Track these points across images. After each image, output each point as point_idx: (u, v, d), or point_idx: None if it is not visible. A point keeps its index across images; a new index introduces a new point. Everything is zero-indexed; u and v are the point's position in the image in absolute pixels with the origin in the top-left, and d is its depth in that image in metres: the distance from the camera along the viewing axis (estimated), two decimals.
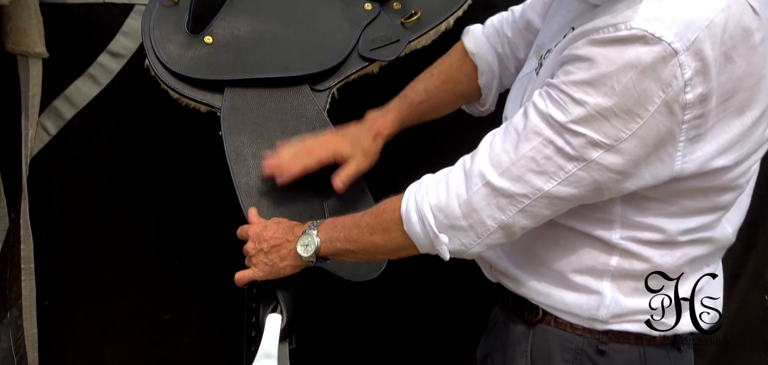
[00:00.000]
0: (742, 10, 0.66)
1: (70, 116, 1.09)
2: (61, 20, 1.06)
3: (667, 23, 0.64)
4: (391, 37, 1.12)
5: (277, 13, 1.11)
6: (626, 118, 0.66)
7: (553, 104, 0.69)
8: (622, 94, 0.65)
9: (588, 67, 0.67)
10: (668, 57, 0.64)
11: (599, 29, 0.67)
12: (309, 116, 1.05)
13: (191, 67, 1.02)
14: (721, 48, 0.65)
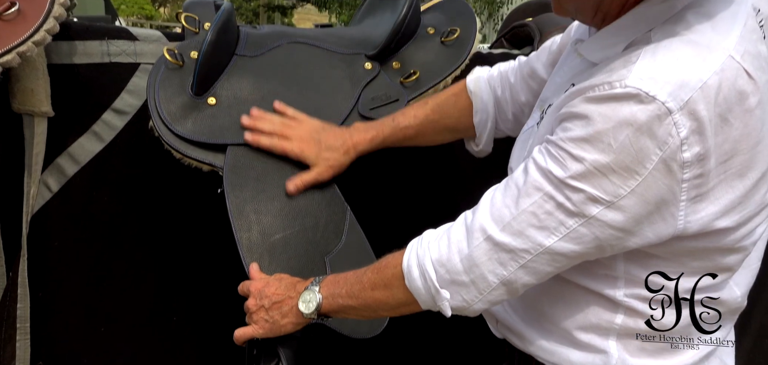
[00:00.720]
0: (736, 73, 0.67)
1: (72, 172, 1.09)
2: (67, 80, 1.07)
3: (661, 83, 0.65)
4: (390, 96, 1.14)
5: (280, 74, 1.13)
6: (625, 175, 0.67)
7: (552, 160, 0.70)
8: (619, 151, 0.66)
9: (585, 124, 0.68)
10: (663, 116, 0.65)
11: (595, 87, 0.69)
12: None
13: (194, 130, 1.03)
14: (716, 109, 0.66)
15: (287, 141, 1.03)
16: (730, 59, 0.67)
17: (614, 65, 0.70)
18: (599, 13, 0.77)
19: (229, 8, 1.13)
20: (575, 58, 0.84)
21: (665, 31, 0.70)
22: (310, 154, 1.04)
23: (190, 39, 1.13)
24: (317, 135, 1.05)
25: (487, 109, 1.07)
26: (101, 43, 1.10)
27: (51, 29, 0.93)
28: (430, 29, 1.22)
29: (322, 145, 1.04)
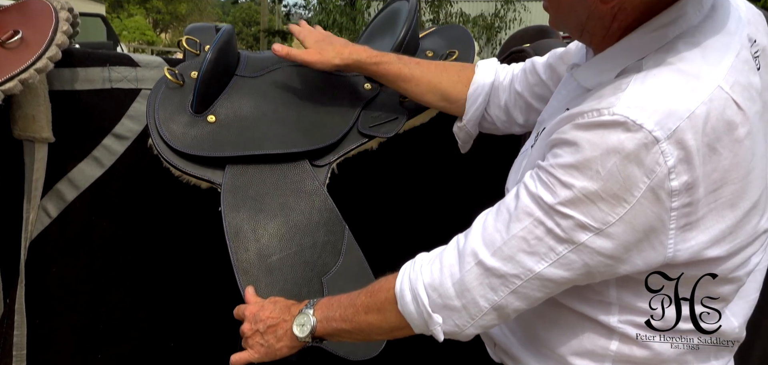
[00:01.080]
0: (725, 104, 0.68)
1: (71, 198, 1.09)
2: (68, 105, 1.08)
3: (649, 112, 0.66)
4: (389, 115, 1.15)
5: (280, 93, 1.14)
6: (613, 202, 0.67)
7: (542, 186, 0.71)
8: (607, 178, 0.66)
9: (573, 151, 0.69)
10: (650, 144, 0.65)
11: (584, 113, 0.69)
12: (308, 191, 1.06)
13: (193, 145, 1.04)
14: (704, 139, 0.66)
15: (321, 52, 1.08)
16: (719, 90, 0.67)
17: (604, 92, 0.71)
18: (586, 34, 0.78)
19: (230, 30, 1.15)
20: (572, 82, 0.85)
21: (656, 59, 0.71)
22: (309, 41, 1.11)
23: (191, 60, 1.14)
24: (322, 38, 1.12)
25: (484, 85, 1.08)
26: (103, 69, 1.11)
27: (53, 56, 0.94)
28: (428, 52, 1.23)
29: (324, 43, 1.10)
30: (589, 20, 0.76)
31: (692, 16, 0.72)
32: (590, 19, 0.75)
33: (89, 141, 1.11)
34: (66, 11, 1.01)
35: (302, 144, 1.09)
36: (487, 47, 10.38)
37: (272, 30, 21.58)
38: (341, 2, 10.80)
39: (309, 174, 1.08)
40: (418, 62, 1.10)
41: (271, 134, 1.09)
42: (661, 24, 0.72)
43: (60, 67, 1.03)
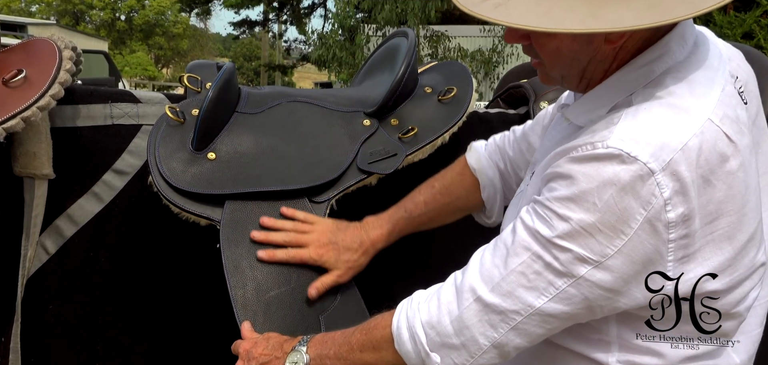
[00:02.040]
0: (716, 136, 0.69)
1: (70, 234, 1.09)
2: (69, 142, 1.08)
3: (642, 144, 0.67)
4: (388, 151, 1.16)
5: (279, 130, 1.15)
6: (610, 234, 0.67)
7: (539, 220, 0.71)
8: (604, 210, 0.66)
9: (569, 184, 0.69)
10: (645, 176, 0.66)
11: (578, 147, 0.70)
12: None
13: (193, 183, 1.04)
14: (698, 171, 0.67)
15: (304, 249, 1.01)
16: (709, 122, 0.69)
17: (597, 127, 0.71)
18: (584, 80, 0.79)
19: (232, 68, 1.16)
20: (563, 122, 0.86)
21: (645, 94, 0.72)
22: (329, 258, 1.01)
23: (192, 98, 1.15)
24: (334, 237, 1.03)
25: (494, 183, 1.08)
26: (105, 106, 1.12)
27: (56, 94, 0.95)
28: (427, 88, 1.25)
29: (339, 247, 1.02)
30: (591, 64, 0.76)
31: (677, 52, 0.74)
32: (592, 62, 0.76)
33: (89, 177, 1.11)
34: (69, 50, 1.02)
35: (301, 180, 1.09)
36: (485, 81, 10.51)
37: (272, 64, 21.86)
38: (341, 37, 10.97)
39: (308, 210, 1.07)
40: (418, 199, 1.08)
41: (270, 170, 1.09)
42: (647, 60, 0.74)
43: (62, 104, 1.04)
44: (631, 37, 0.73)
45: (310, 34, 11.64)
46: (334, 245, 1.02)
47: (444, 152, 1.21)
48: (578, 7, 0.67)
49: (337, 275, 1.01)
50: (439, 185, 1.10)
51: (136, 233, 1.14)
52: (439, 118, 1.20)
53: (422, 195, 1.09)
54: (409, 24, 9.54)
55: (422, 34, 10.16)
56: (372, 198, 1.17)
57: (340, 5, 11.27)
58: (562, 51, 0.76)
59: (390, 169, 1.14)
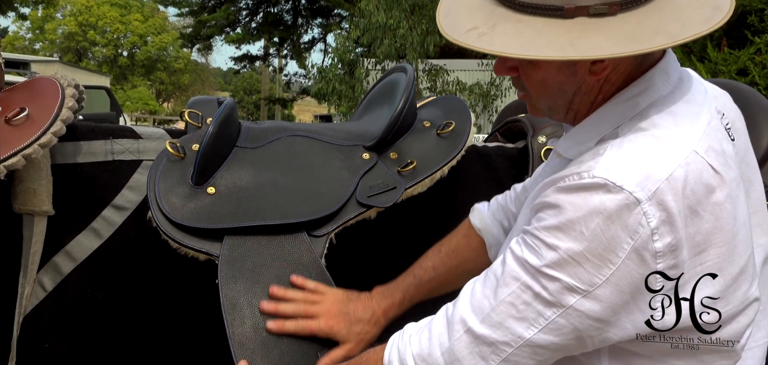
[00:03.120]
0: (702, 168, 0.70)
1: (68, 271, 1.08)
2: (69, 178, 1.09)
3: (628, 174, 0.68)
4: (388, 184, 1.16)
5: (279, 164, 1.15)
6: (598, 263, 0.68)
7: (527, 249, 0.72)
8: (592, 239, 0.67)
9: (557, 213, 0.70)
10: (632, 205, 0.67)
11: (565, 177, 0.71)
12: (306, 264, 1.05)
13: (192, 217, 1.04)
14: (685, 201, 0.68)
15: (314, 320, 0.99)
16: (694, 154, 0.70)
17: (584, 158, 0.73)
18: (571, 111, 0.81)
19: (232, 103, 1.17)
20: (554, 158, 0.88)
21: (631, 126, 0.74)
22: (340, 330, 0.99)
23: (193, 133, 1.16)
24: (344, 307, 1.01)
25: (500, 242, 1.08)
26: (106, 142, 1.13)
27: (57, 132, 0.96)
28: (426, 122, 1.26)
29: (350, 318, 1.00)
30: (576, 96, 0.78)
31: (661, 87, 0.76)
32: (577, 94, 0.78)
33: (88, 213, 1.11)
34: (72, 88, 1.04)
35: (300, 214, 1.09)
36: (483, 114, 10.61)
37: (273, 98, 22.07)
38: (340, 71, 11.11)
39: (307, 247, 1.07)
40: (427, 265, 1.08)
41: (269, 204, 1.09)
42: (632, 94, 0.76)
43: (63, 141, 1.05)
44: (615, 70, 0.75)
45: (310, 68, 11.80)
46: (345, 316, 1.00)
47: (443, 185, 1.21)
48: (558, 37, 0.70)
49: (347, 349, 0.98)
50: (445, 249, 1.10)
51: (135, 269, 1.14)
52: (438, 151, 1.21)
53: (430, 260, 1.09)
54: (407, 58, 9.67)
55: (421, 68, 10.29)
56: (371, 232, 1.17)
57: (340, 40, 11.45)
58: (547, 82, 0.78)
59: (389, 202, 1.14)
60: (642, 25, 0.69)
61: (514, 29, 0.72)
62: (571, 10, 0.70)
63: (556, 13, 0.71)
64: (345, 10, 17.37)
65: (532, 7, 0.72)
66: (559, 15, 0.71)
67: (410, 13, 9.63)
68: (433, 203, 1.23)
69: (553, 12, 0.71)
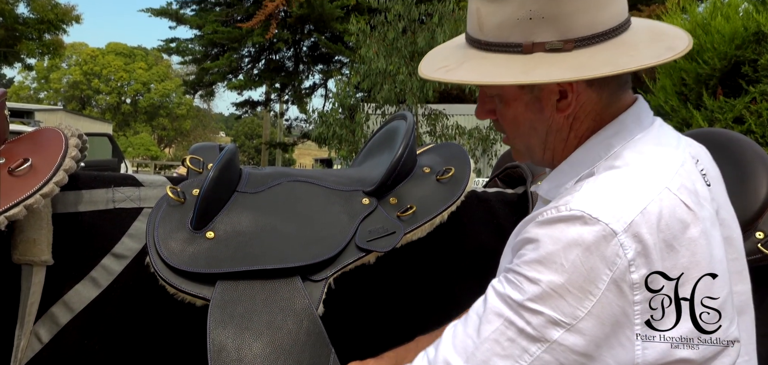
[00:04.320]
0: (675, 203, 0.72)
1: (65, 321, 1.06)
2: (70, 227, 1.08)
3: (603, 206, 0.70)
4: (387, 229, 1.16)
5: (279, 208, 1.16)
6: (579, 295, 0.68)
7: (509, 285, 0.72)
8: (572, 270, 0.68)
9: (536, 247, 0.71)
10: (608, 237, 0.68)
11: (543, 213, 0.74)
12: (297, 311, 1.03)
13: (190, 262, 1.03)
14: (660, 235, 0.70)
15: None
16: (667, 191, 0.72)
17: (561, 194, 0.76)
18: (547, 151, 0.84)
19: (234, 149, 1.19)
20: (541, 203, 0.90)
21: (606, 165, 0.77)
22: None
23: (193, 178, 1.17)
24: None
25: None
26: (107, 190, 1.13)
27: (60, 181, 0.96)
28: (425, 168, 1.27)
29: None
30: (549, 135, 0.82)
31: (633, 129, 0.79)
32: (550, 133, 0.82)
33: (88, 262, 1.10)
34: (76, 138, 1.05)
35: (299, 259, 1.09)
36: (483, 158, 10.67)
37: (274, 142, 22.24)
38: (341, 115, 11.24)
39: (300, 293, 1.05)
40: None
41: (267, 248, 1.09)
42: (605, 136, 0.79)
43: (65, 190, 1.05)
44: (582, 109, 0.80)
45: (311, 112, 11.94)
46: None
47: (443, 230, 1.21)
48: (513, 67, 0.77)
49: None
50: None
51: (132, 318, 1.12)
52: (438, 197, 1.21)
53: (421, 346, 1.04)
54: (407, 103, 9.80)
55: (421, 113, 10.41)
56: (370, 277, 1.16)
57: (341, 86, 11.63)
58: (518, 119, 0.83)
59: (388, 247, 1.13)
60: (593, 59, 0.74)
61: (478, 65, 0.80)
62: (529, 47, 0.77)
63: (516, 49, 0.78)
64: (346, 57, 17.72)
65: (496, 45, 0.79)
66: (518, 51, 0.77)
67: (409, 59, 9.82)
68: (433, 248, 1.22)
69: (513, 48, 0.78)
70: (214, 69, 18.55)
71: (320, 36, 17.70)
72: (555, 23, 0.75)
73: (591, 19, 0.75)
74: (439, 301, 1.26)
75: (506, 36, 0.78)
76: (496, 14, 0.78)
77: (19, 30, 18.16)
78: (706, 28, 3.20)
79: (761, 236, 1.11)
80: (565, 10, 0.74)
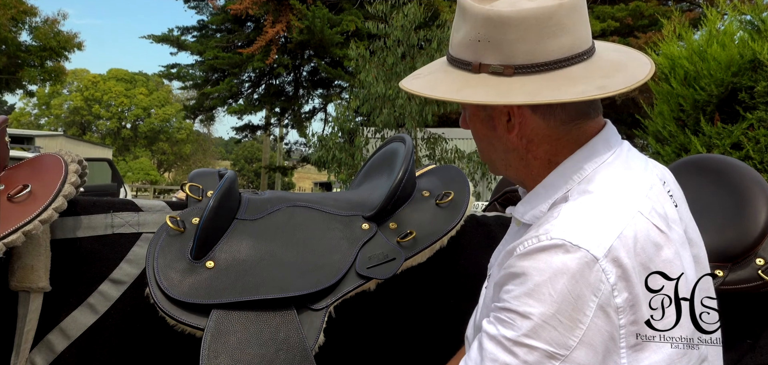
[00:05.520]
0: (648, 227, 0.74)
1: (61, 349, 1.05)
2: (68, 253, 1.08)
3: (582, 233, 0.71)
4: (387, 256, 1.15)
5: (278, 236, 1.15)
6: (570, 324, 0.69)
7: (502, 325, 0.72)
8: (560, 300, 0.69)
9: (522, 280, 0.72)
10: (591, 263, 0.70)
11: (524, 242, 0.75)
12: (290, 345, 1.02)
13: (190, 293, 1.02)
14: (637, 258, 0.71)
15: None
16: (639, 214, 0.74)
17: (540, 222, 0.78)
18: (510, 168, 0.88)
19: (233, 176, 1.19)
20: (514, 226, 0.93)
21: (580, 190, 0.79)
22: None
23: (193, 206, 1.16)
24: None
25: None
26: (106, 216, 1.13)
27: (59, 207, 0.96)
28: (425, 192, 1.27)
29: None
30: (507, 153, 0.85)
31: (604, 154, 0.81)
32: (507, 151, 0.85)
33: (85, 288, 1.09)
34: (75, 164, 1.05)
35: (299, 287, 1.08)
36: (482, 181, 10.66)
37: (273, 166, 22.26)
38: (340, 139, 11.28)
39: (294, 325, 1.04)
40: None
41: (267, 277, 1.08)
42: (577, 160, 0.81)
43: (64, 215, 1.05)
44: (534, 132, 0.82)
45: (311, 136, 11.97)
46: None
47: (442, 255, 1.20)
48: (453, 84, 0.83)
49: None
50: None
51: (129, 346, 1.11)
52: (438, 222, 1.21)
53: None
54: (406, 127, 9.84)
55: (420, 136, 10.44)
56: (370, 305, 1.15)
57: (340, 110, 11.70)
58: (478, 134, 0.88)
59: (389, 274, 1.13)
60: (524, 87, 0.78)
61: (436, 77, 0.86)
62: (476, 67, 0.82)
63: (467, 67, 0.84)
64: (345, 82, 17.85)
65: (456, 60, 0.85)
66: (468, 69, 0.83)
67: None
68: (433, 273, 1.22)
69: (465, 66, 0.84)
70: (215, 94, 18.67)
71: (320, 61, 17.86)
72: (499, 48, 0.80)
73: (531, 49, 0.79)
74: (439, 326, 1.24)
75: (462, 53, 0.84)
76: (459, 32, 0.84)
77: (22, 57, 18.33)
78: (703, 55, 3.23)
79: (761, 262, 1.10)
80: (508, 37, 0.79)
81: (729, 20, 3.41)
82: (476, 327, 0.87)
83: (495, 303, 0.76)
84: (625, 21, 12.77)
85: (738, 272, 1.11)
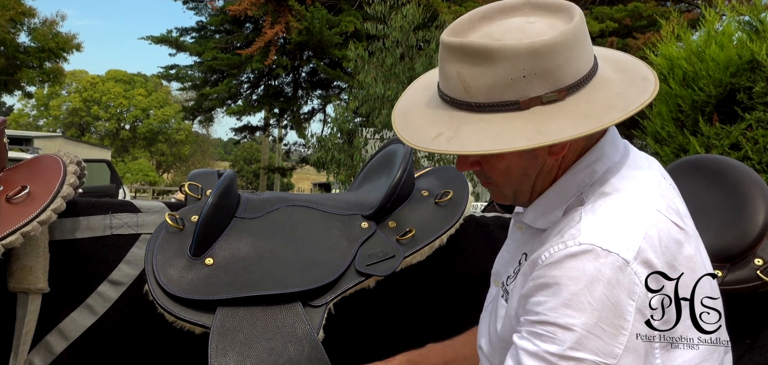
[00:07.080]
0: (667, 224, 0.73)
1: (60, 350, 1.05)
2: (67, 254, 1.08)
3: (610, 237, 0.70)
4: (386, 253, 1.15)
5: (278, 233, 1.15)
6: (613, 331, 0.68)
7: (540, 340, 0.70)
8: (601, 308, 0.67)
9: (556, 291, 0.69)
10: (623, 266, 0.68)
11: (549, 250, 0.72)
12: (298, 337, 1.03)
13: (189, 289, 1.03)
14: (663, 257, 0.71)
15: None
16: (658, 213, 0.73)
17: (561, 227, 0.75)
18: (535, 192, 0.84)
19: (232, 175, 1.19)
20: (517, 231, 0.90)
21: (594, 192, 0.77)
22: None
23: (192, 205, 1.17)
24: None
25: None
26: (105, 217, 1.13)
27: (57, 208, 0.96)
28: (424, 192, 1.27)
29: None
30: (539, 177, 0.82)
31: (612, 154, 0.80)
32: (540, 175, 0.82)
33: (84, 289, 1.09)
34: (74, 165, 1.05)
35: (299, 284, 1.08)
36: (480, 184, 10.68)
37: (272, 167, 22.26)
38: (339, 140, 11.28)
39: (300, 319, 1.04)
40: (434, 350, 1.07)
41: (267, 274, 1.08)
42: (588, 163, 0.80)
43: (63, 217, 1.05)
44: (572, 147, 0.80)
45: (310, 137, 11.97)
46: None
47: (442, 254, 1.20)
48: (522, 128, 0.74)
49: None
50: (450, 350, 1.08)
51: (129, 346, 1.11)
52: (437, 220, 1.21)
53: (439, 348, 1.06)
54: None
55: None
56: (369, 302, 1.15)
57: (339, 111, 11.70)
58: (511, 169, 0.81)
59: (388, 271, 1.13)
60: (592, 104, 0.74)
61: (477, 128, 0.76)
62: (526, 102, 0.75)
63: (513, 107, 0.75)
64: (344, 83, 17.86)
65: (491, 105, 0.76)
66: (515, 108, 0.75)
67: (407, 84, 9.89)
68: (432, 272, 1.22)
69: (510, 106, 0.75)
70: (214, 95, 18.65)
71: (319, 62, 17.86)
72: (547, 77, 0.75)
73: (576, 67, 0.76)
74: (438, 324, 1.24)
75: (499, 96, 0.75)
76: (485, 76, 0.75)
77: (20, 59, 18.31)
78: (701, 55, 3.24)
79: (760, 262, 1.11)
80: (556, 63, 0.75)
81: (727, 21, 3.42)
82: (500, 338, 0.84)
83: (526, 316, 0.73)
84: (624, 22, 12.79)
85: (737, 272, 1.11)
